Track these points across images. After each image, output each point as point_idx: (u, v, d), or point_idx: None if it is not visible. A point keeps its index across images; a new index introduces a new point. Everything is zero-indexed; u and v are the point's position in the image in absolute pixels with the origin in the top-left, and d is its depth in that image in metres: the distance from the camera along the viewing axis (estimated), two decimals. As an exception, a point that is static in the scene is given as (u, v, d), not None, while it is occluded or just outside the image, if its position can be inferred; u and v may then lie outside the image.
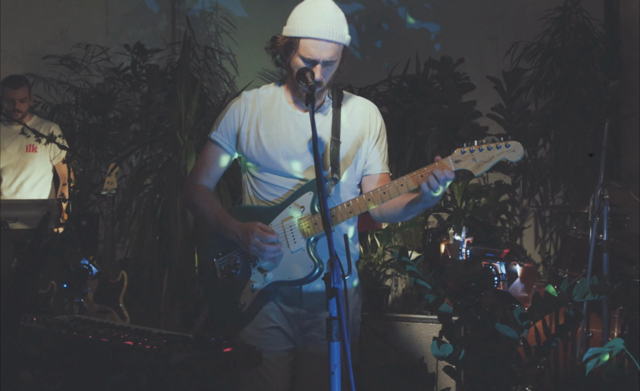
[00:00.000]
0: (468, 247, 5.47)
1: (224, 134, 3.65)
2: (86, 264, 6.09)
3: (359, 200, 3.42)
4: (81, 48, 8.65)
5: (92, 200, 8.17)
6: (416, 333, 5.60)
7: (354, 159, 3.62)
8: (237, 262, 3.56)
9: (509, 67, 8.02)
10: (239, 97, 3.68)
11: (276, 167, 3.55)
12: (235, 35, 9.43)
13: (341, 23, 3.44)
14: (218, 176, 3.76)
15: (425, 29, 8.80)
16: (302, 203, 3.47)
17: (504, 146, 3.28)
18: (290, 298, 3.58)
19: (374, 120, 3.68)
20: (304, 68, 3.37)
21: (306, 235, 3.44)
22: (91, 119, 8.60)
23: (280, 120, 3.58)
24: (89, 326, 3.32)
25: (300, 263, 3.44)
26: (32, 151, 7.02)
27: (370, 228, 6.69)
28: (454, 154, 3.33)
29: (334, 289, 2.74)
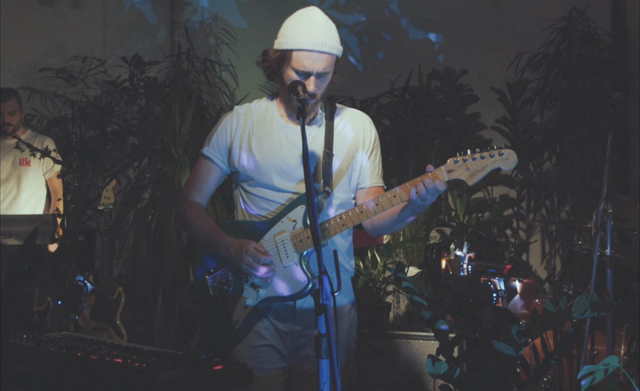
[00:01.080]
0: (470, 263, 5.48)
1: (216, 149, 3.68)
2: (81, 281, 6.11)
3: (351, 213, 3.44)
4: (78, 60, 8.70)
5: (89, 215, 8.19)
6: (417, 351, 5.61)
7: (348, 172, 3.64)
8: (229, 278, 3.58)
9: (514, 78, 8.02)
10: (231, 112, 3.72)
11: (268, 181, 3.57)
12: (235, 47, 9.47)
13: (333, 34, 3.48)
14: (210, 191, 3.79)
15: (428, 39, 8.83)
16: (295, 217, 3.49)
17: (497, 155, 3.30)
18: (283, 315, 3.60)
19: (368, 132, 3.70)
20: (296, 81, 3.41)
21: (299, 249, 3.46)
22: (88, 133, 8.63)
23: (272, 134, 3.61)
24: (79, 343, 3.35)
25: (293, 278, 3.47)
26: (26, 165, 7.04)
27: (370, 243, 6.71)
28: (447, 163, 3.36)
29: (323, 305, 2.76)
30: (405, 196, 3.35)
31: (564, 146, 7.78)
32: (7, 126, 6.87)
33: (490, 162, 3.30)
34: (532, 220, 8.20)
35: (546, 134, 7.89)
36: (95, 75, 8.89)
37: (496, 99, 8.09)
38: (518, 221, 8.18)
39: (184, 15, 9.62)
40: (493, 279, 4.84)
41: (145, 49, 9.23)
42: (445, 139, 7.91)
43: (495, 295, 4.78)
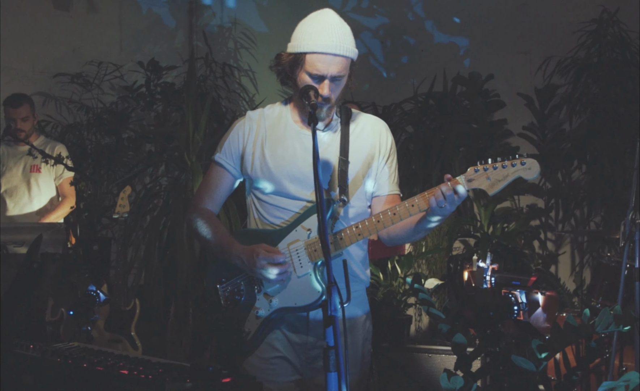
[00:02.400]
0: (493, 274, 5.46)
1: (228, 156, 3.70)
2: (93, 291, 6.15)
3: (368, 222, 3.44)
4: (94, 65, 8.78)
5: (104, 224, 8.24)
6: (439, 366, 5.59)
7: (364, 179, 3.64)
8: (241, 288, 3.59)
9: (542, 83, 7.99)
10: (244, 117, 3.74)
11: (282, 189, 3.58)
12: (255, 51, 9.53)
13: (348, 36, 3.49)
14: (222, 199, 3.81)
15: (453, 43, 8.83)
16: (309, 226, 3.50)
17: (519, 164, 3.29)
18: (296, 326, 3.60)
19: (384, 138, 3.70)
20: (308, 86, 3.41)
21: (313, 259, 3.47)
22: (104, 140, 8.69)
23: (286, 140, 3.62)
24: (86, 354, 3.37)
25: (307, 288, 3.47)
26: (36, 172, 7.08)
27: (391, 254, 6.70)
28: (467, 172, 3.35)
29: (331, 317, 2.76)
30: (424, 206, 3.35)
31: (594, 153, 7.73)
32: (19, 132, 6.91)
33: (511, 172, 3.29)
34: (560, 231, 8.15)
35: (575, 142, 7.85)
36: (111, 80, 8.96)
37: (523, 105, 8.07)
38: (546, 231, 8.13)
39: (203, 19, 9.69)
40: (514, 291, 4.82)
41: (162, 53, 9.29)
42: (471, 146, 7.89)
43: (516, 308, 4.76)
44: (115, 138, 8.69)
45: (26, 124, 6.94)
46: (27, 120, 6.95)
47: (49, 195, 7.16)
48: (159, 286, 6.30)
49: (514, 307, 4.73)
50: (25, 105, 6.95)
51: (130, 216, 6.74)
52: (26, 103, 6.97)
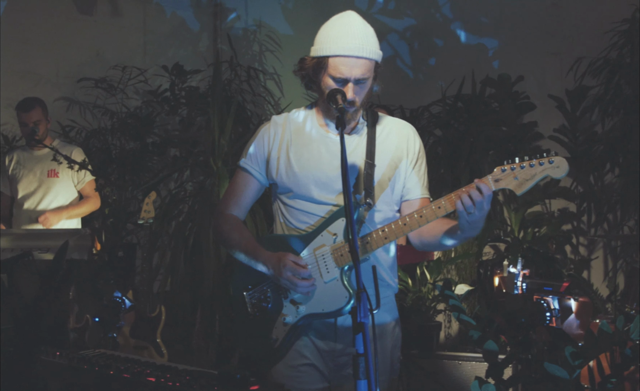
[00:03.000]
0: (524, 280, 5.43)
1: (254, 161, 3.71)
2: (119, 297, 6.18)
3: (394, 225, 3.43)
4: (118, 70, 8.84)
5: (129, 230, 8.29)
6: (469, 374, 5.56)
7: (390, 183, 3.64)
8: (268, 295, 3.60)
9: (573, 84, 7.94)
10: (269, 122, 3.75)
11: (308, 193, 3.59)
12: (280, 54, 9.55)
13: (371, 38, 3.48)
14: (248, 204, 3.82)
15: (482, 44, 8.80)
16: (335, 230, 3.50)
17: (547, 163, 3.27)
18: (324, 333, 3.61)
19: (412, 141, 3.70)
20: (335, 89, 3.42)
21: (339, 264, 3.47)
22: (128, 145, 8.74)
23: (311, 144, 3.63)
24: (113, 361, 3.39)
25: (334, 294, 3.46)
26: (54, 176, 7.09)
27: (420, 259, 6.69)
28: (494, 172, 3.34)
29: (361, 324, 2.75)
30: (450, 208, 3.34)
31: (627, 156, 7.66)
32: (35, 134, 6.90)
33: (539, 171, 3.27)
34: (593, 235, 8.09)
35: (608, 144, 7.78)
36: (136, 84, 9.02)
37: (554, 107, 8.02)
38: (578, 236, 8.08)
39: (227, 22, 9.73)
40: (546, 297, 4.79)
41: (186, 57, 9.35)
42: (500, 149, 7.86)
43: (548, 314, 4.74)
44: (139, 143, 8.73)
45: (39, 127, 6.91)
46: (40, 123, 6.92)
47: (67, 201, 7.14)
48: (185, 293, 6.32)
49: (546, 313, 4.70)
50: (37, 108, 6.92)
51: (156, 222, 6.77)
52: (38, 106, 6.94)
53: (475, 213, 3.27)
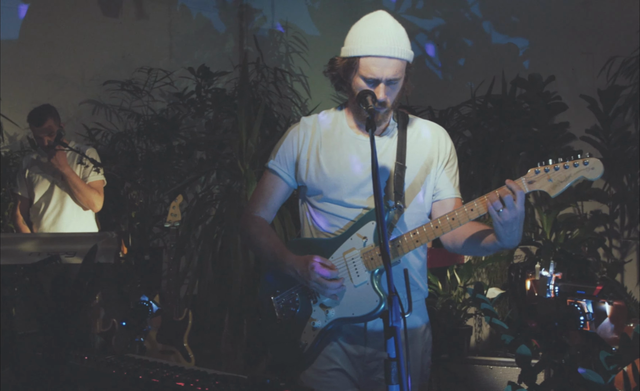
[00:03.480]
0: (556, 283, 5.40)
1: (282, 163, 3.72)
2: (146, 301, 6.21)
3: (426, 228, 3.42)
4: (143, 72, 8.88)
5: (155, 233, 8.33)
6: (501, 378, 5.55)
7: (422, 186, 3.63)
8: (296, 299, 3.60)
9: (605, 84, 7.88)
10: (298, 123, 3.76)
11: (337, 196, 3.58)
12: (307, 56, 9.55)
13: (402, 38, 3.48)
14: (276, 207, 3.83)
15: (512, 44, 8.76)
16: (365, 234, 3.50)
17: (581, 164, 3.25)
18: (354, 338, 3.60)
19: (443, 143, 3.69)
20: (365, 91, 3.41)
21: (370, 268, 3.46)
22: (154, 148, 8.78)
23: (342, 146, 3.63)
24: (141, 366, 3.41)
25: (365, 298, 3.45)
26: None
27: (450, 262, 6.67)
28: (528, 174, 3.33)
29: (393, 328, 2.74)
30: (483, 209, 3.32)
31: (661, 156, 7.60)
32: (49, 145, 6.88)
33: (574, 172, 3.25)
34: (626, 238, 8.02)
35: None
36: (161, 87, 9.06)
37: (586, 108, 7.96)
38: (611, 238, 8.02)
39: (253, 23, 9.75)
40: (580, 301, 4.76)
41: (212, 59, 9.38)
42: (531, 150, 7.82)
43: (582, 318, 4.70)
44: (165, 146, 8.77)
45: (52, 136, 6.90)
46: (54, 133, 6.90)
47: None
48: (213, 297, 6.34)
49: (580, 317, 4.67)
50: (48, 120, 6.81)
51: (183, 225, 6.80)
52: (49, 117, 6.83)
53: (505, 211, 3.24)
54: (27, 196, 7.09)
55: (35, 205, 7.03)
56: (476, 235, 3.51)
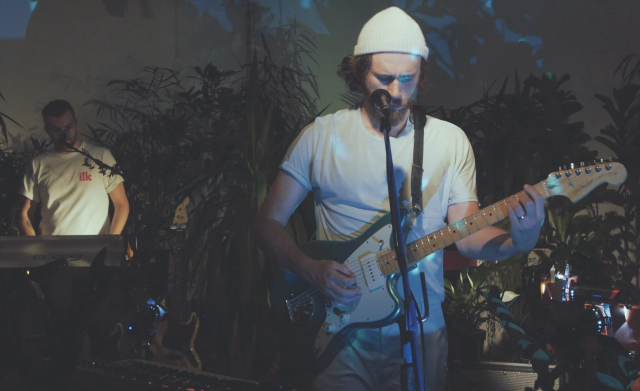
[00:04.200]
0: (572, 287, 5.38)
1: (297, 164, 3.72)
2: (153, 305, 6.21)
3: (443, 232, 3.41)
4: (149, 72, 8.88)
5: (161, 236, 8.32)
6: (515, 384, 5.53)
7: (439, 188, 3.62)
8: (310, 303, 3.59)
9: (621, 84, 7.84)
10: (313, 124, 3.75)
11: (353, 198, 3.57)
12: (315, 55, 9.54)
13: (416, 34, 3.48)
14: (291, 209, 3.82)
15: (525, 43, 8.73)
16: (381, 237, 3.49)
17: (604, 168, 3.23)
18: (368, 343, 3.59)
19: (461, 145, 3.68)
20: (379, 90, 3.41)
21: (386, 272, 3.45)
22: (160, 148, 8.77)
23: (357, 146, 3.62)
24: (150, 371, 3.40)
25: (380, 303, 3.44)
26: (87, 179, 7.14)
27: (463, 265, 6.66)
28: (548, 178, 3.30)
29: (409, 333, 2.73)
30: (501, 214, 3.30)
31: (678, 157, 7.56)
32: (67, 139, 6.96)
33: (596, 177, 3.23)
34: (644, 240, 7.98)
35: (658, 145, 7.69)
36: (167, 87, 9.05)
37: (601, 107, 7.92)
38: (627, 241, 7.99)
39: (261, 22, 9.74)
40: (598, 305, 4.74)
41: (219, 58, 9.37)
42: (545, 151, 7.78)
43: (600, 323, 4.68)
44: (171, 147, 8.77)
45: (70, 131, 6.97)
46: (71, 127, 6.97)
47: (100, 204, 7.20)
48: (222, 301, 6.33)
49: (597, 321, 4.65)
50: (67, 112, 6.97)
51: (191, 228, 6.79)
52: (68, 110, 6.99)
53: (525, 219, 3.23)
54: (36, 200, 7.12)
55: (51, 207, 7.05)
56: (492, 240, 3.50)
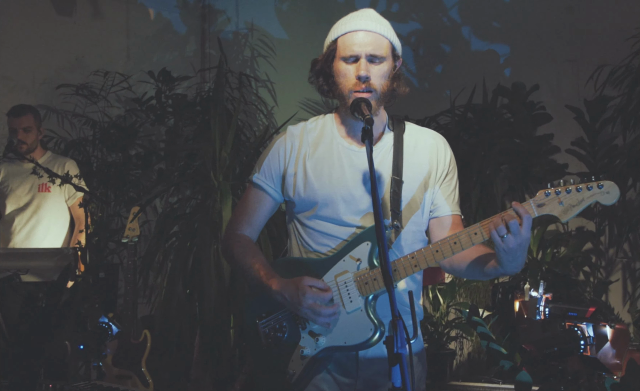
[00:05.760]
0: (547, 305, 5.40)
1: (268, 176, 3.65)
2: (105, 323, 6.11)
3: (425, 252, 3.34)
4: (99, 76, 8.75)
5: (111, 249, 8.19)
6: (486, 406, 5.53)
7: (420, 202, 3.56)
8: (283, 324, 3.51)
9: (592, 94, 7.91)
10: (284, 133, 3.68)
11: (329, 213, 3.51)
12: (273, 60, 9.48)
13: (384, 21, 3.50)
14: (261, 223, 3.75)
15: (493, 51, 8.77)
16: (358, 255, 3.42)
17: (595, 187, 3.21)
18: (345, 366, 3.53)
19: (442, 154, 3.64)
20: (358, 99, 3.36)
21: (364, 293, 3.38)
22: (110, 157, 8.66)
23: (332, 157, 3.56)
24: (112, 395, 3.35)
25: (358, 325, 3.37)
26: (46, 191, 7.05)
27: (432, 282, 6.64)
28: (537, 196, 3.25)
29: (398, 355, 2.68)
30: (487, 234, 3.24)
31: (650, 171, 7.62)
32: (21, 145, 6.88)
33: (587, 196, 3.20)
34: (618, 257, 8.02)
35: (630, 158, 7.70)
36: (118, 92, 8.93)
37: (572, 119, 7.99)
38: (598, 257, 8.03)
39: (216, 25, 9.67)
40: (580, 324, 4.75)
41: (173, 62, 9.28)
42: (514, 163, 7.82)
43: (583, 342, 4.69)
44: (122, 155, 8.65)
45: (29, 135, 6.91)
46: (30, 131, 6.92)
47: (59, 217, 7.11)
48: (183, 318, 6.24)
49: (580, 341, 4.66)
50: (28, 115, 6.94)
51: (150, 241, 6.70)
52: (30, 113, 6.97)
53: (509, 237, 3.17)
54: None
55: (7, 218, 6.94)
56: (477, 259, 3.44)
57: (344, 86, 3.44)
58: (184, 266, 6.35)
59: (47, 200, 7.06)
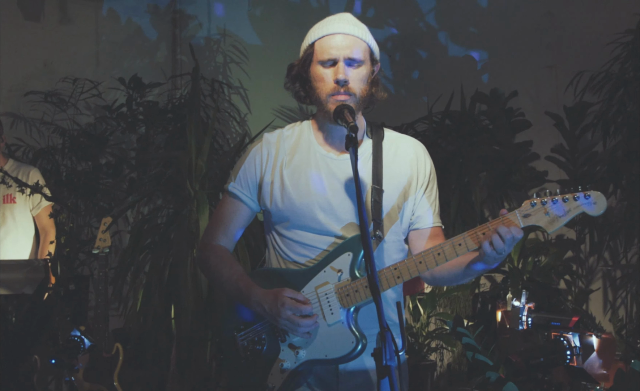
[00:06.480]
0: (529, 314, 5.40)
1: (244, 185, 3.62)
2: (78, 336, 6.04)
3: (408, 263, 3.32)
4: (68, 82, 8.66)
5: (81, 260, 8.12)
6: (468, 417, 5.52)
7: (400, 212, 3.54)
8: (262, 336, 3.48)
9: (572, 101, 7.93)
10: (260, 141, 3.65)
11: (308, 223, 3.47)
12: (246, 66, 9.44)
13: (362, 25, 3.48)
14: (238, 233, 3.71)
15: (470, 57, 8.79)
16: (340, 266, 3.39)
17: (582, 198, 3.20)
18: (325, 379, 3.50)
19: (422, 163, 3.61)
20: (341, 106, 3.34)
21: (345, 305, 3.35)
22: (80, 165, 8.58)
23: (310, 165, 3.53)
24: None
25: (339, 338, 3.35)
26: (11, 202, 6.96)
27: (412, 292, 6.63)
28: (523, 207, 3.25)
29: (387, 367, 2.66)
30: (472, 245, 3.23)
31: (631, 178, 7.62)
32: None
33: (574, 207, 3.20)
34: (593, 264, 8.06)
35: (610, 165, 7.76)
36: (88, 99, 8.85)
37: (551, 125, 8.02)
38: (579, 266, 8.05)
39: (188, 31, 9.62)
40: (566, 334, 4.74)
41: (143, 68, 9.22)
42: (493, 171, 7.83)
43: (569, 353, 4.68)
44: (91, 164, 8.57)
45: None
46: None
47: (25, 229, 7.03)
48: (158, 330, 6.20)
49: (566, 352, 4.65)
50: None
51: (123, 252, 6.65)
52: None
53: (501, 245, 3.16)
54: None
55: None
56: (456, 263, 3.41)
57: (321, 91, 3.42)
58: (160, 277, 6.30)
59: (13, 212, 6.95)
